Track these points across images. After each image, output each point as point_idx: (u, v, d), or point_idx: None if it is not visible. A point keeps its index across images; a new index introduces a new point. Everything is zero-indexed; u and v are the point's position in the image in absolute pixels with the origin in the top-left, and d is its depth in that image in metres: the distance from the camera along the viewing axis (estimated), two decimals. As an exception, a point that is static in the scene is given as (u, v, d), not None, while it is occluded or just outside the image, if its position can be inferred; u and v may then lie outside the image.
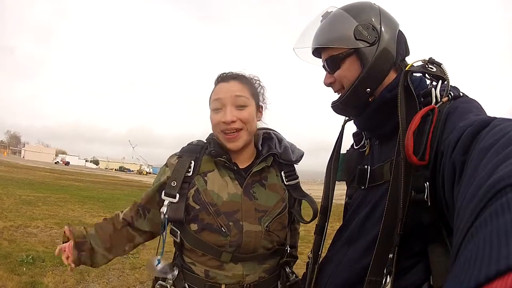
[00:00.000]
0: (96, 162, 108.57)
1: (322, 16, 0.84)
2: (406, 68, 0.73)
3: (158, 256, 0.99)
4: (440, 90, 0.68)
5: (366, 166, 0.81)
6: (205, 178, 0.99)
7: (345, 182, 0.94)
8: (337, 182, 0.93)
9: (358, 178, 0.82)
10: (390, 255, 0.64)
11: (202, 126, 1.12)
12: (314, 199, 1.03)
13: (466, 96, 0.69)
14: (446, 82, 0.69)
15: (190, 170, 0.98)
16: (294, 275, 1.05)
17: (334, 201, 0.92)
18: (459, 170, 0.46)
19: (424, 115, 0.63)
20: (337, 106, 0.84)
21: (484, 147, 0.40)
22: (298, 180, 1.07)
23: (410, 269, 0.65)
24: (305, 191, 1.07)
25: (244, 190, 0.98)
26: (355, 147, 0.92)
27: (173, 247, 1.04)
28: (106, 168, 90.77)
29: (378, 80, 0.77)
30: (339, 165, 0.93)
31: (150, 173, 77.31)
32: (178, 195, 0.94)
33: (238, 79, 1.00)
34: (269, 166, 1.03)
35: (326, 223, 0.92)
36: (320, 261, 0.88)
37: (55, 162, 71.43)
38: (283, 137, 1.14)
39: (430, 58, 0.73)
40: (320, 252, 0.89)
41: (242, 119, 0.95)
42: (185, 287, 0.96)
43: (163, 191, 0.96)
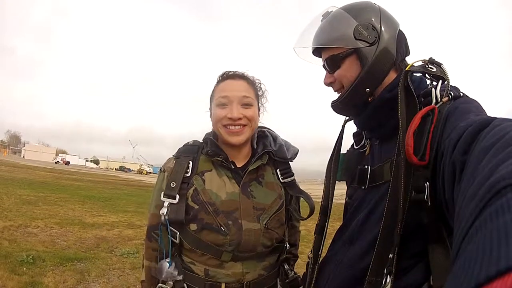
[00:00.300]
0: (96, 162, 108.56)
1: (322, 16, 0.84)
2: (406, 68, 0.73)
3: (168, 258, 0.98)
4: (440, 90, 0.68)
5: (366, 166, 0.81)
6: (203, 177, 0.99)
7: (345, 182, 0.94)
8: (337, 182, 0.94)
9: (358, 178, 0.82)
10: (390, 255, 0.64)
11: (202, 126, 1.12)
12: (310, 196, 1.04)
13: (466, 96, 0.69)
14: (446, 82, 0.69)
15: (188, 171, 0.99)
16: (293, 272, 1.06)
17: (334, 200, 0.92)
18: (459, 170, 0.46)
19: (424, 115, 0.63)
20: (336, 106, 0.84)
21: (484, 147, 0.40)
22: (293, 177, 1.08)
23: (410, 269, 0.65)
24: (301, 188, 1.08)
25: (241, 189, 0.99)
26: (355, 147, 0.92)
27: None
28: (106, 167, 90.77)
29: (377, 80, 0.77)
30: (339, 165, 0.93)
31: (150, 172, 77.31)
32: (178, 196, 0.95)
33: (245, 80, 1.02)
34: (265, 164, 1.04)
35: (326, 223, 0.92)
36: (320, 261, 0.88)
37: (55, 162, 71.42)
38: (278, 135, 1.15)
39: (430, 58, 0.73)
40: (320, 252, 0.90)
41: (248, 117, 0.97)
42: (184, 287, 0.96)
43: (162, 193, 0.96)
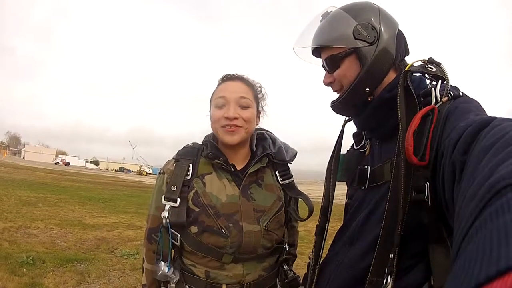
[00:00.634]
0: (96, 163, 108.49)
1: (321, 16, 0.84)
2: (406, 68, 0.73)
3: (167, 262, 0.97)
4: (440, 90, 0.68)
5: (366, 167, 0.81)
6: (203, 180, 0.99)
7: (345, 182, 0.94)
8: (337, 182, 0.94)
9: (359, 178, 0.82)
10: (391, 255, 0.64)
11: (202, 126, 1.12)
12: (309, 197, 1.04)
13: (466, 96, 0.69)
14: (446, 82, 0.69)
15: (188, 174, 0.98)
16: (292, 272, 1.07)
17: (335, 201, 0.92)
18: (459, 170, 0.46)
19: (424, 115, 0.63)
20: (336, 106, 0.84)
21: (484, 147, 0.40)
22: (292, 179, 1.08)
23: (411, 269, 0.65)
24: (300, 190, 1.08)
25: (241, 191, 0.99)
26: (355, 148, 0.92)
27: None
28: (106, 168, 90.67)
29: (377, 79, 0.77)
30: (340, 165, 0.93)
31: (150, 173, 77.20)
32: (179, 199, 0.94)
33: (244, 81, 1.02)
34: (264, 166, 1.04)
35: (327, 224, 0.92)
36: (321, 261, 0.88)
37: (55, 163, 71.33)
38: (277, 137, 1.15)
39: (430, 58, 0.73)
40: (321, 252, 0.90)
41: (244, 118, 0.97)
42: None
43: (163, 196, 0.96)
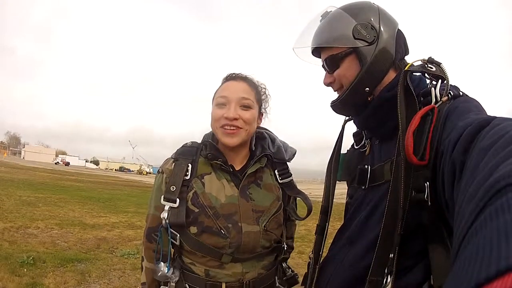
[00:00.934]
0: (96, 163, 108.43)
1: (321, 16, 0.84)
2: (406, 67, 0.73)
3: (167, 263, 0.97)
4: (439, 89, 0.68)
5: (366, 166, 0.81)
6: (202, 180, 0.99)
7: (345, 182, 0.94)
8: (337, 181, 0.94)
9: (359, 178, 0.82)
10: (391, 255, 0.64)
11: (202, 126, 1.12)
12: (308, 196, 1.04)
13: (466, 95, 0.69)
14: (445, 82, 0.69)
15: (187, 174, 0.98)
16: (290, 270, 1.08)
17: (335, 200, 0.92)
18: (459, 170, 0.46)
19: (424, 115, 0.63)
20: (336, 106, 0.84)
21: (484, 147, 0.40)
22: (291, 177, 1.08)
23: (411, 268, 0.65)
24: (299, 189, 1.08)
25: (240, 192, 0.98)
26: (356, 147, 0.92)
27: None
28: (106, 168, 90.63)
29: (377, 79, 0.77)
30: (340, 165, 0.93)
31: (150, 173, 77.17)
32: (178, 200, 0.94)
33: (247, 81, 1.01)
34: (263, 166, 1.04)
35: (327, 223, 0.92)
36: (321, 261, 0.88)
37: (55, 163, 71.30)
38: (276, 136, 1.14)
39: (430, 58, 0.73)
40: (321, 252, 0.90)
41: (244, 119, 0.96)
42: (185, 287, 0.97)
43: (162, 196, 0.96)
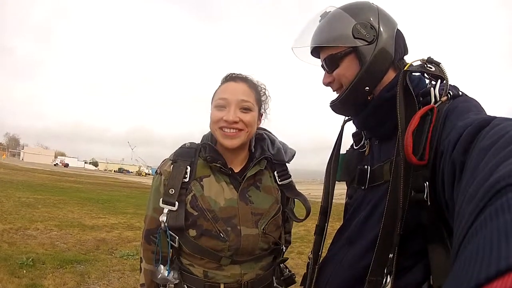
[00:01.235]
0: (95, 164, 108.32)
1: (320, 16, 0.84)
2: (405, 67, 0.73)
3: (167, 266, 0.97)
4: (439, 89, 0.68)
5: (366, 166, 0.81)
6: (201, 183, 0.98)
7: (345, 182, 0.94)
8: (337, 182, 0.94)
9: (358, 178, 0.82)
10: (390, 255, 0.64)
11: (202, 126, 1.12)
12: (307, 198, 1.04)
13: (465, 95, 0.69)
14: (445, 82, 0.69)
15: (186, 176, 0.97)
16: (288, 270, 1.08)
17: (334, 201, 0.92)
18: (459, 170, 0.46)
19: (423, 115, 0.63)
20: (335, 105, 0.84)
21: (484, 147, 0.40)
22: (290, 179, 1.07)
23: (410, 268, 0.65)
24: (298, 190, 1.07)
25: (240, 195, 0.98)
26: (355, 147, 0.92)
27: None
28: (105, 169, 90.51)
29: (376, 78, 0.77)
30: (339, 165, 0.93)
31: (149, 174, 77.08)
32: (177, 203, 0.93)
33: (247, 82, 1.00)
34: (262, 168, 1.03)
35: (326, 224, 0.92)
36: (320, 261, 0.88)
37: (54, 164, 71.07)
38: (275, 137, 1.13)
39: (429, 58, 0.73)
40: (320, 252, 0.90)
41: (245, 122, 0.95)
42: None
43: (161, 199, 0.95)
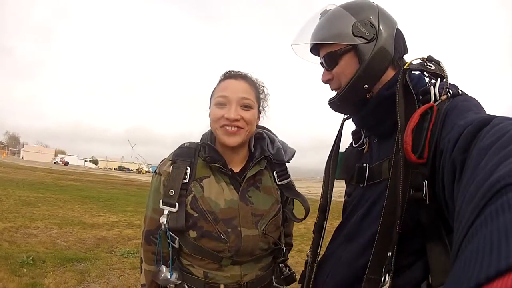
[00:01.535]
0: (95, 162, 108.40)
1: (320, 14, 0.83)
2: (405, 66, 0.73)
3: (169, 268, 0.96)
4: (439, 88, 0.68)
5: (364, 164, 0.81)
6: (201, 184, 0.97)
7: (344, 180, 0.94)
8: (336, 180, 0.94)
9: (357, 176, 0.82)
10: (389, 253, 0.64)
11: (202, 126, 1.10)
12: (306, 198, 1.04)
13: (465, 94, 0.69)
14: (445, 80, 0.68)
15: (186, 177, 0.96)
16: (287, 269, 1.08)
17: (333, 198, 0.92)
18: (459, 169, 0.45)
19: (423, 113, 0.63)
20: (334, 103, 0.84)
21: (484, 146, 0.40)
22: (290, 179, 1.07)
23: (409, 267, 0.65)
24: (298, 190, 1.07)
25: (240, 196, 0.97)
26: (354, 145, 0.92)
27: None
28: (105, 167, 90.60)
29: (375, 76, 0.77)
30: (338, 163, 0.93)
31: (149, 172, 77.15)
32: (177, 204, 0.93)
33: (246, 80, 0.99)
34: (262, 168, 1.03)
35: (325, 221, 0.92)
36: (319, 259, 0.88)
37: (54, 162, 71.13)
38: (275, 136, 1.13)
39: (429, 56, 0.73)
40: (319, 250, 0.90)
41: (246, 120, 0.95)
42: None
43: (161, 200, 0.94)
